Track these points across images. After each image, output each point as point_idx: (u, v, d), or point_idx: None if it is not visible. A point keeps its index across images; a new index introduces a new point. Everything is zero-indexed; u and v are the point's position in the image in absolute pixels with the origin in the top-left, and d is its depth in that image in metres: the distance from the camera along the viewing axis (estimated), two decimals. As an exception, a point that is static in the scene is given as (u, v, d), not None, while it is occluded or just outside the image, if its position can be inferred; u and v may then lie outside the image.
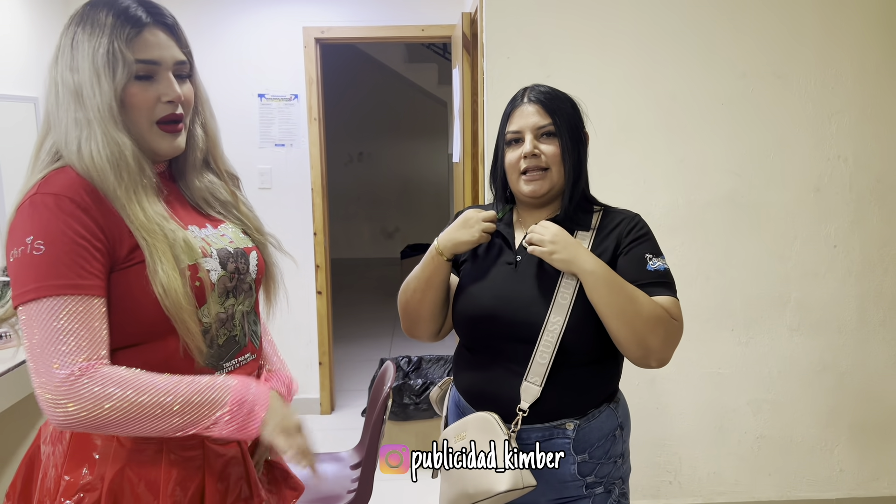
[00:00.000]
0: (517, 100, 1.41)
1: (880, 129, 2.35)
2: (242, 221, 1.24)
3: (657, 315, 1.27)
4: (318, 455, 1.21)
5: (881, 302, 2.42)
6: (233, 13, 3.53)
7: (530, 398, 1.32)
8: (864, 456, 2.49)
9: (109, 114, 1.05)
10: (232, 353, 1.17)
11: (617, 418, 1.41)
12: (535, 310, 1.32)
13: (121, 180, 1.04)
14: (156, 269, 1.03)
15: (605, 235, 1.38)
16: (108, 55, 1.04)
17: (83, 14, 1.07)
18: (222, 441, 1.16)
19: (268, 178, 3.64)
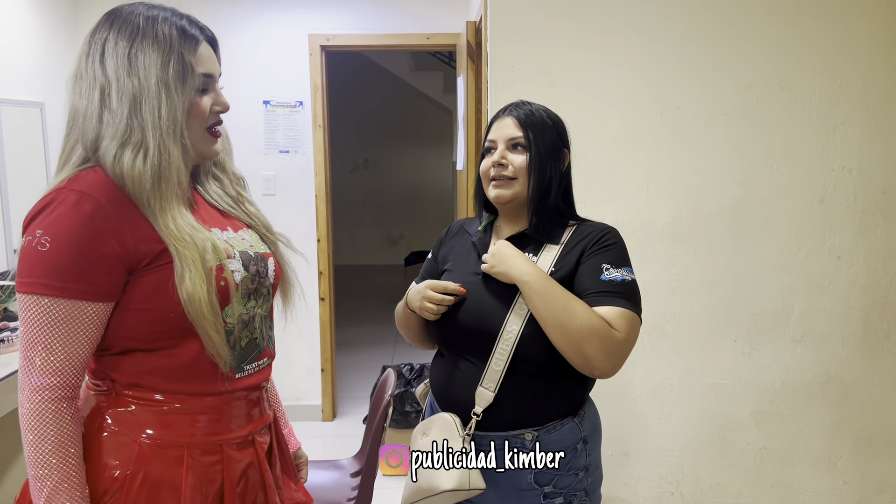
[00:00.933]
0: (499, 113, 1.49)
1: (885, 141, 2.34)
2: (251, 219, 1.28)
3: (592, 325, 1.27)
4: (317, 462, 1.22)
5: (886, 314, 2.41)
6: (239, 20, 3.55)
7: (484, 403, 1.37)
8: (869, 469, 2.47)
9: (173, 124, 1.09)
10: (253, 356, 1.21)
11: (580, 432, 1.42)
12: (494, 317, 1.37)
13: (157, 191, 1.08)
14: (183, 277, 1.06)
15: (572, 248, 1.41)
16: (180, 68, 1.10)
17: (136, 24, 1.10)
18: (239, 447, 1.19)
19: (272, 184, 3.65)
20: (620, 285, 1.33)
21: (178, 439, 1.12)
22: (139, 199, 1.07)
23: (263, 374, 1.24)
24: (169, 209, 1.09)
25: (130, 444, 1.10)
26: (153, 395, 1.12)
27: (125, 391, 1.12)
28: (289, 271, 1.32)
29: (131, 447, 1.10)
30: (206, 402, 1.15)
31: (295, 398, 3.80)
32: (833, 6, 2.29)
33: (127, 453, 1.10)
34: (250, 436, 1.22)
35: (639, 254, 2.32)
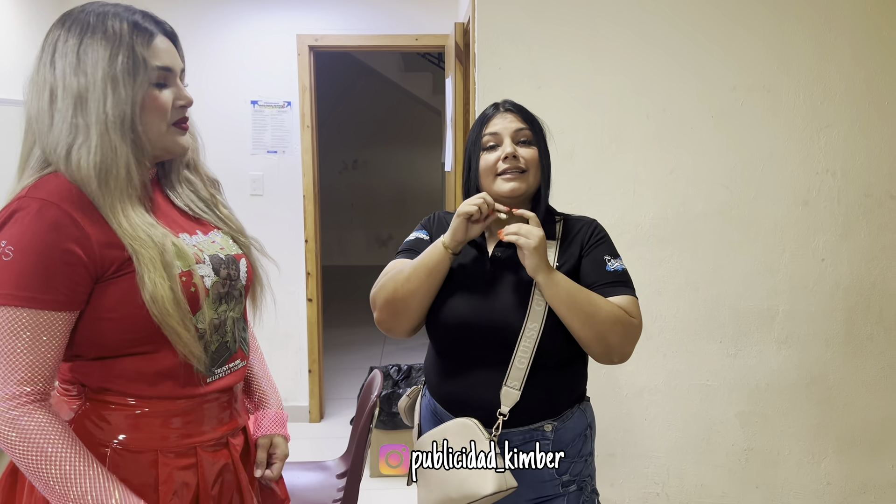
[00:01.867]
0: (490, 110, 1.48)
1: (868, 144, 2.36)
2: (224, 223, 1.25)
3: (615, 315, 1.34)
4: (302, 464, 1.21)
5: (869, 316, 2.43)
6: (227, 20, 3.54)
7: (510, 402, 1.36)
8: (852, 469, 2.50)
9: (118, 120, 1.05)
10: (223, 360, 1.18)
11: (586, 418, 1.48)
12: (511, 316, 1.37)
13: (105, 188, 1.04)
14: (143, 278, 1.04)
15: (569, 243, 1.45)
16: (129, 61, 1.06)
17: (86, 21, 1.07)
18: (213, 448, 1.17)
19: (259, 184, 3.64)
20: (622, 274, 1.42)
21: (150, 443, 1.10)
22: (93, 200, 1.04)
23: (236, 376, 1.22)
24: (120, 207, 1.05)
25: (101, 451, 1.08)
26: (125, 398, 1.10)
27: (96, 396, 1.10)
28: (261, 273, 1.29)
29: (102, 453, 1.08)
30: (179, 406, 1.13)
31: (282, 399, 3.78)
32: (817, 11, 2.31)
33: (97, 458, 1.07)
34: (224, 438, 1.20)
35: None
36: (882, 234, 2.40)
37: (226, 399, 1.21)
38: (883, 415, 2.47)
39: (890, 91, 2.35)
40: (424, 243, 1.48)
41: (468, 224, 1.35)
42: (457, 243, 1.37)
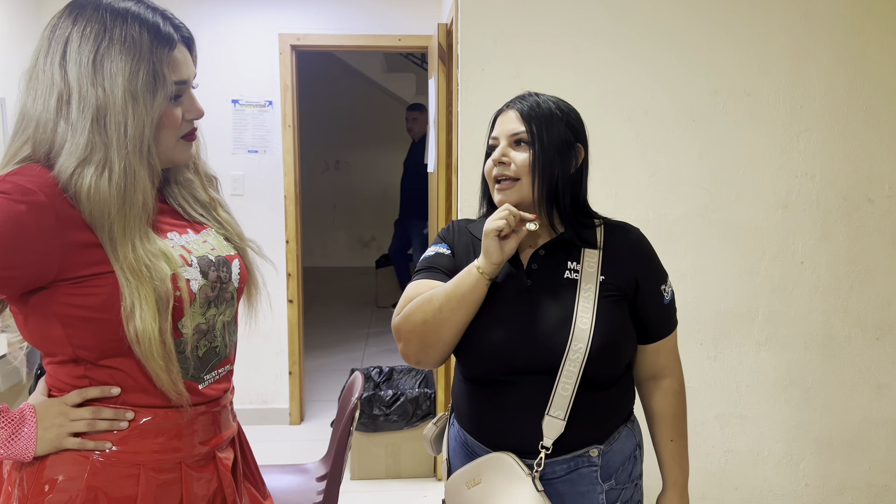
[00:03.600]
0: (503, 106, 1.35)
1: (847, 148, 2.39)
2: (223, 226, 1.20)
3: (683, 402, 1.41)
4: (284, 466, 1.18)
5: (847, 318, 2.45)
6: (208, 18, 3.50)
7: (554, 433, 1.22)
8: (830, 470, 2.52)
9: (139, 141, 1.00)
10: (212, 365, 1.14)
11: (634, 437, 1.37)
12: (554, 338, 1.23)
13: (122, 216, 0.99)
14: (133, 313, 0.98)
15: (615, 255, 1.32)
16: (150, 79, 1.00)
17: (102, 21, 1.00)
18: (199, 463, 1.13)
19: (240, 184, 3.61)
20: (672, 301, 1.40)
21: (132, 457, 1.06)
22: (99, 223, 0.98)
23: (224, 380, 1.19)
24: (130, 236, 1.00)
25: (81, 461, 1.05)
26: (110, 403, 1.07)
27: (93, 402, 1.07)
28: (256, 274, 1.24)
29: (82, 464, 1.04)
30: (166, 416, 1.09)
31: (262, 402, 3.75)
32: (796, 16, 2.33)
33: (77, 469, 1.04)
34: (211, 452, 1.15)
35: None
36: (860, 237, 2.42)
37: (216, 409, 1.16)
38: (860, 416, 2.50)
39: (868, 95, 2.37)
40: (445, 258, 1.35)
41: (500, 242, 1.21)
42: (494, 266, 1.22)
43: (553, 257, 1.31)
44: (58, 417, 1.04)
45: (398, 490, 3.03)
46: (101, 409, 1.05)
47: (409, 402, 3.04)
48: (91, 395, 1.05)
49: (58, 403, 1.05)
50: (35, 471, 1.05)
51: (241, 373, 3.67)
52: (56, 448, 1.04)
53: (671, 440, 1.39)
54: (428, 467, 3.12)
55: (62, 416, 1.04)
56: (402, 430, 3.07)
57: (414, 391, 3.09)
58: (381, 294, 6.45)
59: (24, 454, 1.03)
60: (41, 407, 1.05)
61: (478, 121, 2.31)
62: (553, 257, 1.31)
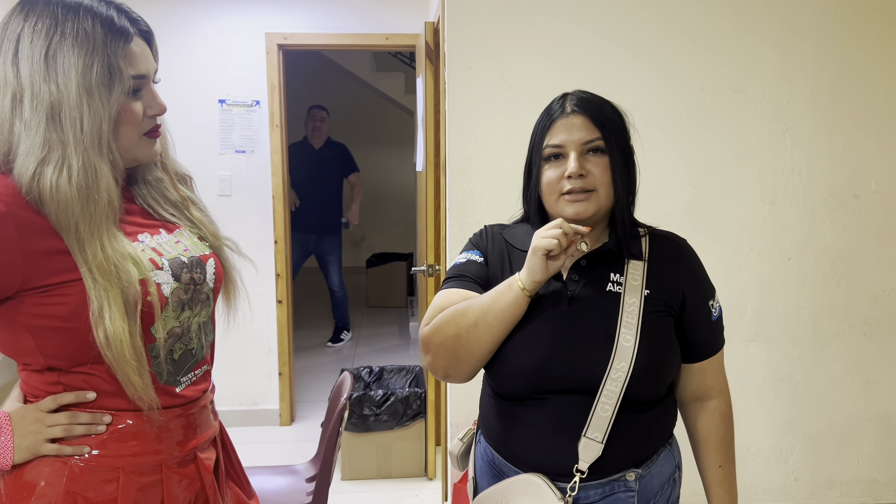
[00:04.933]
0: (556, 109, 1.23)
1: (833, 144, 2.40)
2: (196, 225, 1.17)
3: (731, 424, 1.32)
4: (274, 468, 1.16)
5: (834, 314, 2.46)
6: (195, 18, 3.48)
7: (591, 457, 1.14)
8: (818, 465, 2.53)
9: (97, 136, 0.97)
10: (189, 367, 1.13)
11: (674, 459, 1.28)
12: (596, 356, 1.15)
13: (87, 215, 0.97)
14: (102, 315, 0.96)
15: (659, 267, 1.23)
16: (105, 72, 0.97)
17: (53, 15, 0.97)
18: (180, 465, 1.12)
19: (228, 184, 3.58)
20: (720, 318, 1.30)
21: (112, 461, 1.05)
22: (64, 224, 0.96)
23: (202, 381, 1.17)
24: (97, 234, 0.97)
25: (60, 466, 1.03)
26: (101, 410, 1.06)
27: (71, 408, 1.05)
28: (234, 274, 1.22)
29: (61, 469, 1.03)
30: (144, 419, 1.07)
31: (252, 403, 3.73)
32: (782, 13, 2.34)
33: (56, 475, 1.03)
34: (192, 453, 1.14)
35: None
36: (846, 233, 2.43)
37: (194, 410, 1.15)
38: (848, 411, 2.51)
39: (853, 92, 2.38)
40: (477, 266, 1.27)
41: (547, 261, 1.13)
42: (536, 284, 1.14)
43: (595, 269, 1.22)
44: (34, 424, 1.02)
45: (389, 490, 3.02)
46: (77, 413, 1.04)
47: (399, 401, 3.03)
48: (66, 401, 1.04)
49: (33, 410, 1.04)
50: (14, 479, 1.03)
51: (231, 374, 3.66)
52: (34, 455, 1.02)
53: (720, 465, 1.30)
54: (419, 467, 3.11)
55: (38, 423, 1.03)
56: (392, 430, 3.06)
57: (404, 391, 3.08)
58: (372, 293, 6.44)
59: (1, 463, 1.02)
60: (16, 414, 1.04)
61: (465, 119, 2.30)
62: (595, 269, 1.22)
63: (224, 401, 3.67)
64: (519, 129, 2.28)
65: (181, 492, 1.11)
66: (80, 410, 1.05)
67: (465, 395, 2.39)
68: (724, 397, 1.32)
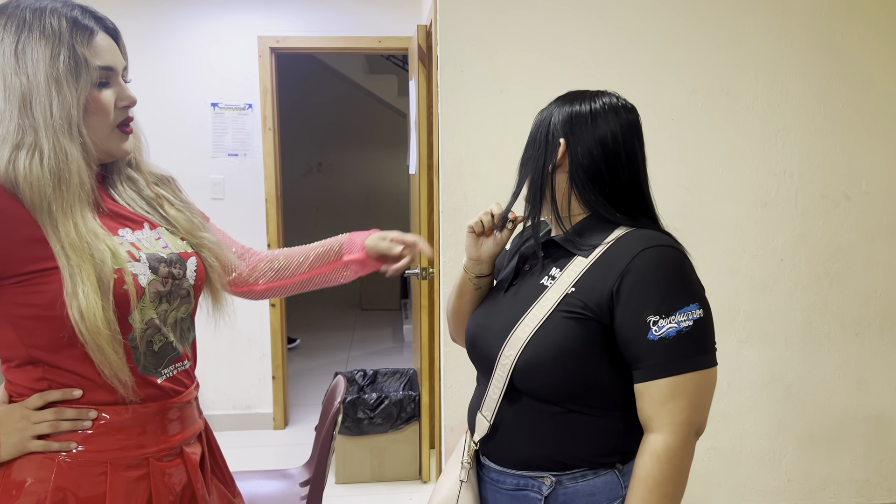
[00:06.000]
0: None
1: (824, 146, 2.41)
2: (170, 223, 1.21)
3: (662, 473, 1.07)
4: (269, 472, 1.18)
5: (826, 315, 2.47)
6: (187, 21, 3.47)
7: (481, 431, 1.22)
8: (811, 466, 2.54)
9: (66, 122, 1.03)
10: (169, 360, 1.15)
11: (622, 490, 1.16)
12: (499, 338, 1.19)
13: (59, 194, 1.01)
14: (75, 292, 0.99)
15: (601, 267, 1.14)
16: (71, 62, 1.03)
17: (22, 17, 1.03)
18: (167, 458, 1.14)
19: (220, 188, 3.57)
20: (664, 341, 1.08)
21: (99, 455, 1.07)
22: (38, 205, 1.01)
23: (186, 378, 1.20)
24: (71, 214, 1.02)
25: (48, 463, 1.05)
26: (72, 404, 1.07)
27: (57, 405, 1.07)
28: (214, 275, 1.25)
29: (49, 465, 1.05)
30: (129, 412, 1.09)
31: (245, 406, 3.72)
32: (773, 15, 2.35)
33: (44, 471, 1.04)
34: (178, 447, 1.17)
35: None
36: (838, 234, 2.44)
37: (179, 405, 1.17)
38: (840, 412, 2.52)
39: (844, 94, 2.40)
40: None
41: (477, 239, 1.25)
42: (471, 262, 1.25)
43: (546, 260, 1.23)
44: (20, 421, 1.05)
45: (383, 493, 3.02)
46: (63, 410, 1.06)
47: (393, 404, 3.03)
48: (52, 398, 1.06)
49: (18, 408, 1.06)
50: (1, 476, 1.05)
51: (224, 378, 3.64)
52: (21, 452, 1.05)
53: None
54: (413, 470, 3.11)
55: (24, 420, 1.05)
56: (386, 434, 3.06)
57: (398, 394, 3.08)
58: (365, 296, 6.43)
59: None
60: (2, 413, 1.06)
61: (458, 122, 2.30)
62: (546, 260, 1.23)
63: (217, 404, 3.66)
64: (512, 131, 2.28)
65: (168, 485, 1.13)
66: (65, 407, 1.07)
67: (459, 398, 2.39)
68: (664, 434, 1.08)
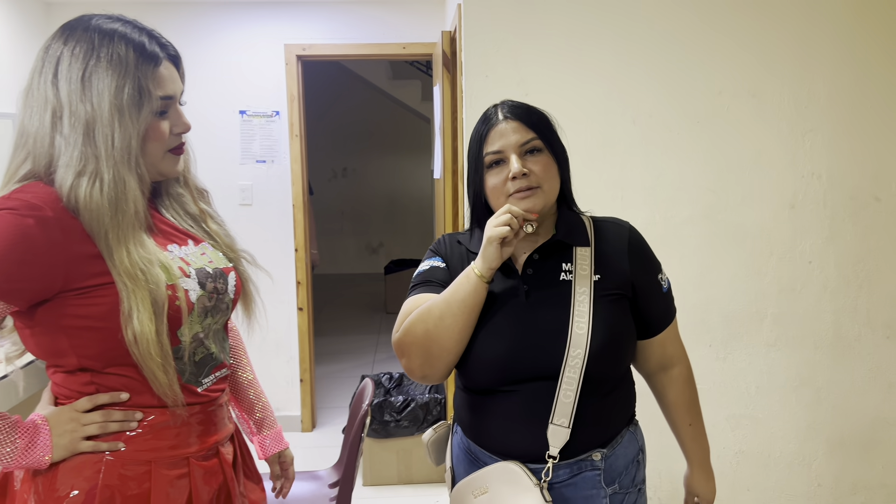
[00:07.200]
0: (490, 118, 1.30)
1: (853, 147, 2.39)
2: (212, 238, 1.25)
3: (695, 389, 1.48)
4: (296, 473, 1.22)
5: (856, 318, 2.45)
6: (215, 30, 3.54)
7: (559, 442, 1.21)
8: (842, 471, 2.51)
9: (126, 152, 1.05)
10: (209, 369, 1.19)
11: (637, 441, 1.37)
12: (553, 345, 1.22)
13: (115, 223, 1.04)
14: (131, 316, 1.03)
15: (607, 252, 1.31)
16: (135, 93, 1.05)
17: (90, 41, 1.05)
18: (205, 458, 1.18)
19: (249, 194, 3.63)
20: (669, 289, 1.40)
21: (143, 455, 1.11)
22: (96, 231, 1.04)
23: (221, 384, 1.25)
24: (124, 241, 1.05)
25: (95, 463, 1.09)
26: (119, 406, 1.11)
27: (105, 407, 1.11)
28: (250, 287, 1.28)
29: (96, 465, 1.09)
30: (172, 415, 1.14)
31: (274, 409, 3.77)
32: (799, 15, 2.34)
33: (91, 471, 1.08)
34: (214, 447, 1.22)
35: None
36: (868, 236, 2.42)
37: (214, 408, 1.22)
38: (872, 416, 2.49)
39: (873, 93, 2.37)
40: (441, 271, 1.33)
41: (502, 248, 1.20)
42: (491, 271, 1.21)
43: (548, 260, 1.29)
44: (70, 423, 1.08)
45: (410, 496, 3.04)
46: (111, 412, 1.10)
47: (419, 407, 3.05)
48: (101, 401, 1.10)
49: (68, 410, 1.10)
50: (50, 477, 1.09)
51: (253, 381, 3.69)
52: (71, 452, 1.08)
53: (690, 424, 1.46)
54: (439, 473, 3.12)
55: (74, 422, 1.09)
56: (412, 436, 3.08)
57: (424, 397, 3.10)
58: (390, 300, 6.47)
59: (40, 462, 1.07)
60: (52, 415, 1.10)
61: (483, 127, 2.32)
62: (548, 260, 1.29)
63: (246, 407, 3.71)
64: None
65: (206, 484, 1.17)
66: (112, 409, 1.11)
67: (485, 401, 2.40)
68: (684, 363, 1.45)
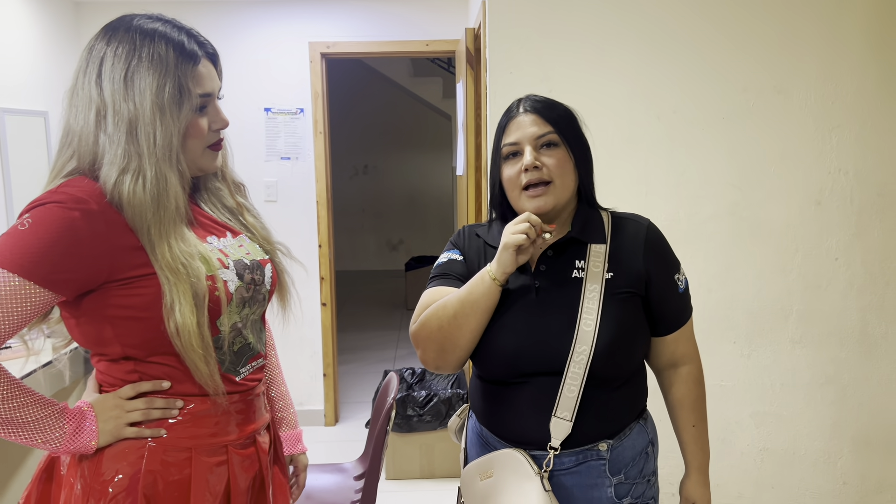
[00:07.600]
0: (512, 111, 1.33)
1: (880, 143, 2.37)
2: (249, 230, 1.28)
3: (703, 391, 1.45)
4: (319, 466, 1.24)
5: (883, 315, 2.43)
6: (240, 29, 3.58)
7: (561, 434, 1.25)
8: (868, 469, 2.49)
9: (168, 149, 1.09)
10: (246, 359, 1.23)
11: (647, 434, 1.38)
12: (560, 340, 1.25)
13: (157, 219, 1.08)
14: (173, 309, 1.07)
15: (622, 250, 1.31)
16: (176, 91, 1.09)
17: (132, 41, 1.09)
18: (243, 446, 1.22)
19: (273, 190, 3.67)
20: (686, 289, 1.39)
21: (185, 441, 1.15)
22: (139, 226, 1.07)
23: (258, 374, 1.27)
24: (166, 236, 1.08)
25: (138, 449, 1.13)
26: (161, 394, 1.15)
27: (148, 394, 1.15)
28: (286, 278, 1.31)
29: (139, 451, 1.12)
30: (212, 403, 1.17)
31: (297, 403, 3.81)
32: (826, 11, 2.32)
33: (135, 457, 1.12)
34: (252, 436, 1.25)
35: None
36: (895, 233, 2.39)
37: (252, 398, 1.25)
38: (898, 414, 2.47)
39: (901, 90, 2.35)
40: (458, 265, 1.37)
41: (517, 255, 1.22)
42: (506, 275, 1.24)
43: (561, 257, 1.31)
44: (114, 410, 1.13)
45: (432, 490, 3.06)
46: (153, 399, 1.14)
47: (441, 402, 3.07)
48: (144, 389, 1.14)
49: (112, 397, 1.14)
50: (95, 462, 1.12)
51: (277, 375, 3.74)
52: (116, 438, 1.12)
53: (693, 425, 1.43)
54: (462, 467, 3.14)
55: (118, 409, 1.13)
56: (435, 431, 3.10)
57: (447, 392, 3.12)
58: (410, 296, 6.50)
59: (86, 447, 1.11)
60: (97, 402, 1.14)
61: (507, 124, 2.33)
62: (561, 257, 1.31)
63: (270, 401, 3.76)
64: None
65: (244, 472, 1.21)
66: (155, 396, 1.14)
67: (508, 396, 2.42)
68: (695, 363, 1.44)
